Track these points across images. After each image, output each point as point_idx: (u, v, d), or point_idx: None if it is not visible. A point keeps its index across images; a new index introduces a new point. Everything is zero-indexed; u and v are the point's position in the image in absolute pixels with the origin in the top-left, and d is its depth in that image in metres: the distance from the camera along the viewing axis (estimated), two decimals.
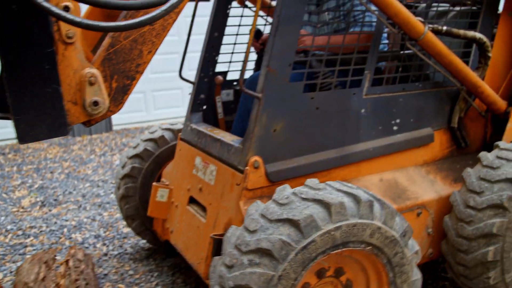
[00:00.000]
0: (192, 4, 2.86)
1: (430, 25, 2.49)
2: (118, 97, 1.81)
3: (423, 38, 2.44)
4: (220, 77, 3.10)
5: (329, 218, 1.92)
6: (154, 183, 3.10)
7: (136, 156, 3.31)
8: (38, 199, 4.81)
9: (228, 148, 2.53)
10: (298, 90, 2.40)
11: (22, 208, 4.62)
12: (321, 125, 2.49)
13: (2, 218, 4.37)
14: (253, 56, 3.26)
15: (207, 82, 3.08)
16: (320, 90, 2.49)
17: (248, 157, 2.33)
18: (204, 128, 2.88)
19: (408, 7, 2.92)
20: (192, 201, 2.87)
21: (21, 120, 1.58)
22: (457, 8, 2.88)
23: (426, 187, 2.74)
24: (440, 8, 2.89)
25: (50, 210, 4.52)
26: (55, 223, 4.19)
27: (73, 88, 1.66)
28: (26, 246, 3.76)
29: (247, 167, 2.32)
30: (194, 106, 3.06)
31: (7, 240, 3.89)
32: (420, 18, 2.44)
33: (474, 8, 2.87)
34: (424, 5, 2.94)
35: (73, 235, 3.95)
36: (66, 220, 4.24)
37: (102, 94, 1.70)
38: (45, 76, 1.58)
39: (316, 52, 2.81)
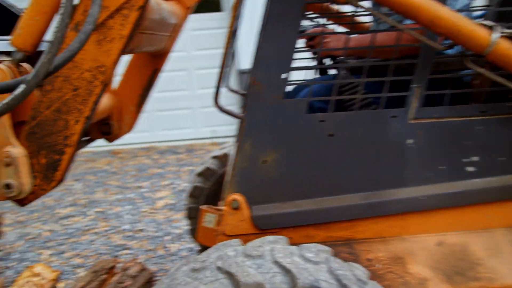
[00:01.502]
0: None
1: (508, 29, 1.60)
2: (49, 174, 1.64)
3: (491, 51, 1.58)
4: None
5: None
6: (201, 206, 2.80)
7: (199, 174, 3.07)
8: (171, 202, 4.99)
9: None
10: (299, 110, 1.80)
11: (154, 209, 4.85)
12: (337, 159, 1.83)
13: (128, 216, 4.66)
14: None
15: None
16: (338, 110, 1.84)
17: (227, 194, 1.85)
18: None
19: None
20: None
21: None
22: None
23: None
24: None
25: (173, 215, 4.63)
26: (164, 229, 4.26)
27: None
28: (125, 249, 3.90)
29: (224, 207, 1.85)
30: None
31: (114, 239, 4.12)
32: (486, 21, 1.59)
33: None
34: None
35: (171, 245, 3.94)
36: (176, 228, 4.27)
37: (19, 177, 1.54)
38: None
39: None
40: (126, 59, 2.04)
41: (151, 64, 2.37)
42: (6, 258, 3.90)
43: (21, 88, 1.23)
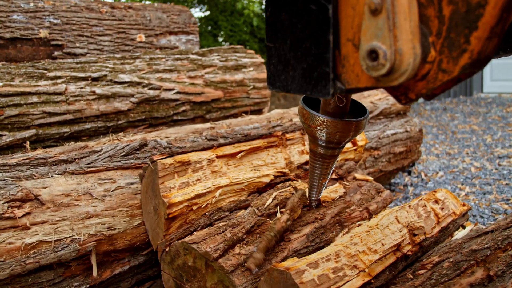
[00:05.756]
0: None
1: None
2: (457, 38, 0.79)
3: None
4: None
5: None
6: None
7: None
8: None
9: None
10: None
11: None
12: None
13: None
14: None
15: None
16: None
17: None
18: None
19: None
20: None
21: (273, 52, 1.04)
22: None
23: None
24: None
25: None
26: None
27: (358, 18, 0.87)
28: None
29: None
30: None
31: None
32: None
33: None
34: None
35: None
36: None
37: (394, 38, 0.78)
38: None
39: None
40: None
41: None
42: (419, 185, 3.54)
43: None
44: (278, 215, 1.81)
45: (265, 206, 1.85)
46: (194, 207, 1.81)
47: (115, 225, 1.77)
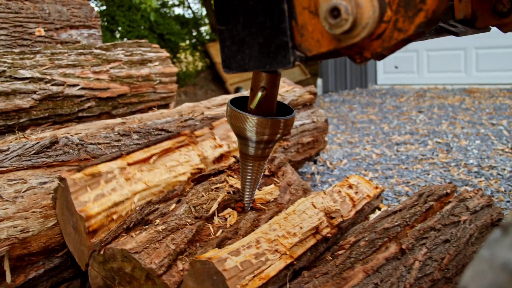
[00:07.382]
0: None
1: None
2: (412, 2, 0.83)
3: None
4: None
5: None
6: None
7: None
8: None
9: None
10: None
11: None
12: None
13: (475, 151, 3.85)
14: None
15: None
16: None
17: None
18: None
19: None
20: None
21: (225, 34, 1.04)
22: None
23: None
24: None
25: None
26: None
27: None
28: (466, 185, 3.17)
29: None
30: None
31: (454, 173, 3.44)
32: None
33: None
34: None
35: None
36: None
37: None
38: None
39: None
40: None
41: None
42: (325, 173, 3.72)
43: None
44: (216, 218, 1.81)
45: (204, 208, 1.84)
46: (114, 216, 1.78)
47: (29, 227, 1.70)
